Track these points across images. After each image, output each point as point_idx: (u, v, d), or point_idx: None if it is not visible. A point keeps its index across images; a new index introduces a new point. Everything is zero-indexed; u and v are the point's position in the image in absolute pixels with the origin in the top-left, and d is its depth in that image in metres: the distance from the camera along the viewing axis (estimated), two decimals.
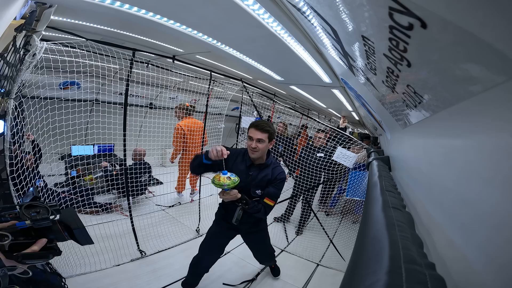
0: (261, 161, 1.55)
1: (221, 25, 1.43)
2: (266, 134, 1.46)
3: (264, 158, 1.56)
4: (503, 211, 0.29)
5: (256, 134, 1.44)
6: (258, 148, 1.46)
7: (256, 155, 1.49)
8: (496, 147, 0.31)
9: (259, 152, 1.48)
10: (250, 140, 1.48)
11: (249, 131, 1.48)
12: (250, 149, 1.49)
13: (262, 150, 1.48)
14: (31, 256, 0.64)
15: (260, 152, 1.48)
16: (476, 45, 0.24)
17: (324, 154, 2.82)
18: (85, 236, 0.76)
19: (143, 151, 3.23)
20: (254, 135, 1.45)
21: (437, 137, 0.54)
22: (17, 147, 1.62)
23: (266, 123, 1.50)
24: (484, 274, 0.32)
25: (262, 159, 1.55)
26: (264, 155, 1.54)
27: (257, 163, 1.55)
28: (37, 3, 1.50)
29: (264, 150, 1.50)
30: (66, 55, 1.89)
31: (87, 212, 2.74)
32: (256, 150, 1.46)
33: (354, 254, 0.42)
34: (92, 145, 3.74)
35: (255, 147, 1.45)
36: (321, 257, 2.65)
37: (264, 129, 1.45)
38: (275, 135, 1.53)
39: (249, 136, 1.48)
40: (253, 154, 1.50)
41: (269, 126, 1.48)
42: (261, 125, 1.46)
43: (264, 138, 1.45)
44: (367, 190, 0.79)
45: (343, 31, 0.60)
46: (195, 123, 3.29)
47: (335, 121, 7.30)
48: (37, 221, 0.67)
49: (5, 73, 1.37)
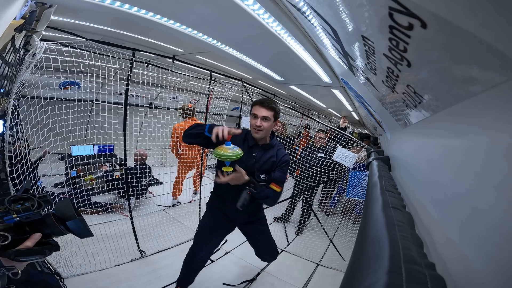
0: (264, 142, 1.45)
1: (221, 25, 1.43)
2: (272, 112, 1.36)
3: (267, 139, 1.46)
4: (503, 211, 0.29)
5: (261, 111, 1.34)
6: (263, 127, 1.35)
7: (260, 134, 1.38)
8: (496, 147, 0.31)
9: (263, 131, 1.37)
10: (254, 118, 1.37)
11: (253, 108, 1.38)
12: (254, 128, 1.37)
13: (267, 130, 1.38)
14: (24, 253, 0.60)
15: (265, 131, 1.37)
16: (476, 45, 0.24)
17: (324, 154, 2.82)
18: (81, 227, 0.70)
19: (145, 154, 3.22)
20: (259, 113, 1.34)
21: (437, 137, 0.54)
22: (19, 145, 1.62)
23: (272, 100, 1.41)
24: (484, 274, 0.32)
25: (266, 140, 1.45)
26: (268, 135, 1.45)
27: (260, 143, 1.44)
28: (37, 3, 1.50)
29: (269, 130, 1.40)
30: (66, 55, 1.89)
31: (88, 212, 2.75)
32: (261, 129, 1.35)
33: (354, 254, 0.42)
34: (92, 145, 3.74)
35: (260, 126, 1.34)
36: (321, 257, 2.65)
37: (269, 106, 1.35)
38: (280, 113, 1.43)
39: (253, 114, 1.38)
40: (257, 134, 1.38)
41: (275, 103, 1.40)
42: (267, 102, 1.37)
43: (269, 116, 1.35)
44: (367, 190, 0.79)
45: (343, 31, 0.60)
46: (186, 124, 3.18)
47: (335, 121, 7.30)
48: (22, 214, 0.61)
49: (5, 73, 1.37)
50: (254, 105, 1.39)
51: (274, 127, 1.43)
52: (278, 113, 1.41)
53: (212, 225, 1.61)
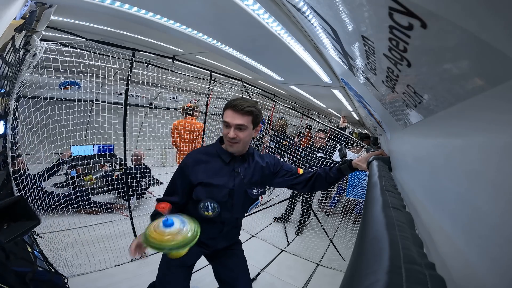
0: (242, 153, 1.14)
1: (221, 25, 1.43)
2: (249, 117, 1.02)
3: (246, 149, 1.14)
4: (503, 211, 0.29)
5: (235, 118, 1.00)
6: (239, 138, 1.03)
7: (236, 148, 1.06)
8: (496, 147, 0.31)
9: (240, 143, 1.05)
10: (226, 128, 1.04)
11: (224, 114, 1.03)
12: (228, 140, 1.05)
13: (244, 141, 1.05)
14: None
15: (242, 143, 1.05)
16: (476, 45, 0.24)
17: (324, 154, 2.82)
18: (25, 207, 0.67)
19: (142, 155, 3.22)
20: (232, 120, 1.01)
21: (437, 137, 0.54)
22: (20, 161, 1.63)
23: (247, 100, 1.04)
24: (484, 274, 0.32)
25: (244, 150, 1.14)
26: (247, 147, 1.12)
27: (239, 155, 1.13)
28: (37, 3, 1.50)
29: (247, 141, 1.07)
30: (66, 55, 1.89)
31: (87, 212, 2.75)
32: (236, 141, 1.03)
33: (354, 254, 0.42)
34: (92, 145, 3.74)
35: (234, 137, 1.02)
36: (321, 257, 2.65)
37: (245, 110, 1.00)
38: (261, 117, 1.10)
39: (224, 122, 1.04)
40: (232, 147, 1.06)
41: (252, 105, 1.03)
42: (240, 104, 1.00)
43: (246, 123, 1.01)
44: (367, 190, 0.79)
45: (343, 31, 0.60)
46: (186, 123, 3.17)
47: (335, 121, 7.30)
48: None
49: (5, 73, 1.37)
50: (225, 109, 1.04)
51: (255, 135, 1.11)
52: (259, 116, 1.07)
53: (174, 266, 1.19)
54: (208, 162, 1.09)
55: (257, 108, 1.06)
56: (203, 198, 1.06)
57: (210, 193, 1.06)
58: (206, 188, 1.06)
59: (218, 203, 1.07)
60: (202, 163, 1.09)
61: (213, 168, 1.08)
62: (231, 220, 1.17)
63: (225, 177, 1.08)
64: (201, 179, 1.06)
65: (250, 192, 1.13)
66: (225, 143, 1.10)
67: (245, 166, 1.13)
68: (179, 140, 3.04)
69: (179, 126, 3.07)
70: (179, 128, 3.08)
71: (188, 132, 3.07)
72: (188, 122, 3.16)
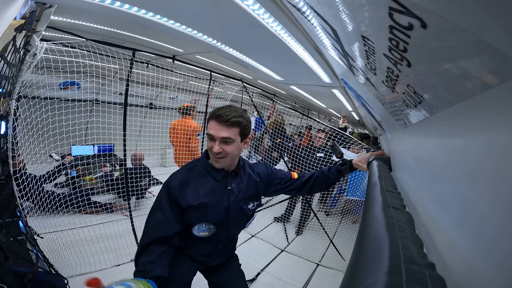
0: (232, 167, 1.03)
1: (221, 25, 1.43)
2: (237, 129, 0.91)
3: (236, 163, 1.04)
4: (503, 211, 0.29)
5: (220, 131, 0.89)
6: (225, 152, 0.92)
7: (222, 164, 0.95)
8: (497, 147, 0.31)
9: (227, 158, 0.94)
10: (210, 141, 0.93)
11: (209, 125, 0.92)
12: (213, 155, 0.93)
13: (232, 155, 0.94)
14: None
15: (229, 158, 0.94)
16: (476, 45, 0.24)
17: (324, 154, 2.82)
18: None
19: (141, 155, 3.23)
20: (217, 133, 0.89)
21: (437, 137, 0.54)
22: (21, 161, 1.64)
23: (234, 109, 0.92)
24: (484, 274, 0.32)
25: (233, 165, 1.03)
26: (236, 160, 1.02)
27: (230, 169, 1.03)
28: (37, 3, 1.50)
29: (236, 155, 0.97)
30: (66, 55, 1.89)
31: (87, 212, 2.75)
32: (222, 155, 0.92)
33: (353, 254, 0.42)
34: (92, 145, 3.74)
35: (220, 152, 0.91)
36: (321, 257, 2.65)
37: (230, 120, 0.89)
38: (250, 127, 0.99)
39: (208, 135, 0.93)
40: (218, 163, 0.95)
41: (240, 114, 0.92)
42: (226, 114, 0.89)
43: (232, 136, 0.91)
44: (367, 190, 0.79)
45: (343, 31, 0.60)
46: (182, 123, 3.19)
47: (335, 121, 7.30)
48: None
49: (6, 73, 1.37)
50: (209, 119, 0.94)
51: (244, 147, 1.00)
52: (248, 127, 0.95)
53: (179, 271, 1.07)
54: (196, 181, 0.97)
55: (246, 118, 0.94)
56: (196, 222, 0.96)
57: (203, 215, 0.96)
58: (198, 211, 0.95)
59: (214, 224, 0.98)
60: (190, 183, 0.96)
61: (203, 187, 0.97)
62: (226, 237, 1.09)
63: (217, 196, 0.97)
64: (191, 201, 0.93)
65: (246, 208, 1.05)
66: (210, 157, 0.98)
67: (238, 181, 1.03)
68: (175, 140, 3.07)
69: (176, 126, 3.11)
70: (176, 127, 3.11)
71: (183, 132, 3.10)
72: (184, 122, 3.18)
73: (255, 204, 1.09)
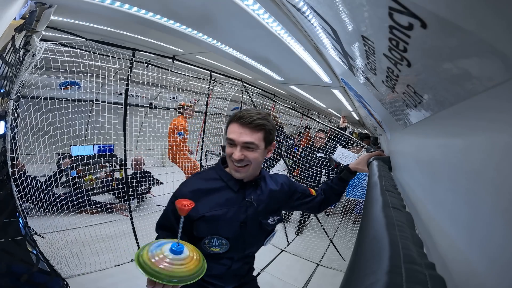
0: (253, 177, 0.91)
1: (221, 25, 1.43)
2: (260, 134, 0.81)
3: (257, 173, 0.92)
4: (504, 211, 0.29)
5: (242, 135, 0.79)
6: (248, 160, 0.81)
7: (243, 174, 0.84)
8: (497, 147, 0.31)
9: (249, 167, 0.83)
10: (230, 146, 0.82)
11: (229, 129, 0.83)
12: (233, 163, 0.83)
13: (255, 164, 0.83)
14: None
15: (251, 168, 0.83)
16: (476, 45, 0.24)
17: (324, 154, 2.82)
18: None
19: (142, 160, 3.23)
20: (238, 137, 0.80)
21: (437, 137, 0.54)
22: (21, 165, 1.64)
23: (259, 112, 0.83)
24: (484, 274, 0.32)
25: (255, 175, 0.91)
26: (258, 170, 0.90)
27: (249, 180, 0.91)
28: (37, 3, 1.50)
29: (259, 163, 0.86)
30: (66, 55, 1.89)
31: (87, 212, 2.75)
32: (243, 164, 0.81)
33: (353, 254, 0.42)
34: (92, 145, 3.74)
35: (241, 159, 0.80)
36: (321, 257, 2.66)
37: (254, 123, 0.79)
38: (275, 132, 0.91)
39: (228, 140, 0.83)
40: (238, 173, 0.84)
41: (264, 117, 0.83)
42: (249, 116, 0.79)
43: (256, 141, 0.80)
44: (367, 190, 0.79)
45: (343, 31, 0.60)
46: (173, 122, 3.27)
47: (335, 121, 7.30)
48: None
49: (5, 73, 1.37)
50: (229, 123, 0.84)
51: (268, 155, 0.89)
52: (272, 132, 0.86)
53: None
54: (210, 190, 0.86)
55: (270, 122, 0.84)
56: (206, 235, 0.84)
57: (214, 229, 0.84)
58: (210, 223, 0.83)
59: (227, 239, 0.85)
60: (203, 192, 0.85)
61: (218, 197, 0.86)
62: (242, 256, 0.95)
63: (234, 208, 0.86)
64: (202, 212, 0.83)
65: (265, 223, 0.92)
66: (229, 166, 0.86)
67: (258, 192, 0.91)
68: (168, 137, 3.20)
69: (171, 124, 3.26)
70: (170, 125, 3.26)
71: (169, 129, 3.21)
72: (175, 120, 3.29)
73: (275, 219, 0.96)
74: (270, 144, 0.87)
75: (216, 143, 3.59)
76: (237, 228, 0.86)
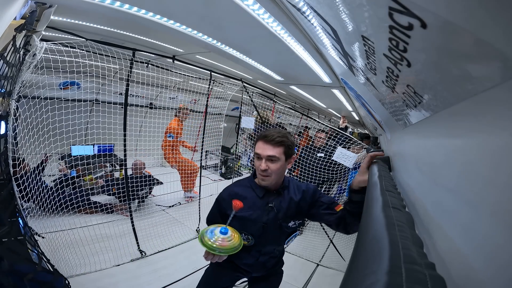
0: (277, 186, 1.09)
1: (221, 25, 1.43)
2: (281, 148, 0.99)
3: (280, 182, 1.09)
4: (503, 211, 0.29)
5: (266, 150, 0.98)
6: (271, 171, 0.99)
7: (268, 181, 1.02)
8: (497, 147, 0.31)
9: (272, 176, 1.01)
10: (258, 160, 1.02)
11: (256, 146, 1.03)
12: (260, 173, 1.02)
13: (277, 173, 1.01)
14: None
15: (274, 176, 1.02)
16: (476, 45, 0.24)
17: (324, 154, 2.82)
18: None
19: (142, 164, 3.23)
20: (263, 151, 0.99)
21: (437, 137, 0.54)
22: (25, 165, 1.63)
23: (279, 131, 1.02)
24: (484, 274, 0.32)
25: (279, 183, 1.09)
26: (281, 179, 1.08)
27: (274, 188, 1.10)
28: (37, 3, 1.50)
29: (281, 173, 1.04)
30: (66, 55, 1.89)
31: (87, 212, 2.75)
32: (268, 173, 1.00)
33: (353, 254, 0.42)
34: (92, 145, 3.74)
35: (266, 169, 0.99)
36: (321, 257, 2.65)
37: (275, 140, 0.98)
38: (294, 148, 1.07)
39: (256, 154, 1.03)
40: (264, 181, 1.03)
41: (284, 135, 1.01)
42: (271, 135, 0.99)
43: (277, 155, 0.98)
44: (367, 190, 0.79)
45: (343, 31, 0.60)
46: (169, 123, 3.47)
47: (335, 121, 7.30)
48: None
49: (6, 73, 1.38)
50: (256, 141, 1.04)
51: (289, 167, 1.07)
52: (291, 147, 1.03)
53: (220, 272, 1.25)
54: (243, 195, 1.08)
55: (289, 139, 1.02)
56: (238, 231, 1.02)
57: (243, 226, 1.06)
58: (240, 221, 1.05)
59: (252, 235, 1.08)
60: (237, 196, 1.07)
61: (247, 202, 1.05)
62: (267, 251, 1.15)
63: (258, 211, 1.06)
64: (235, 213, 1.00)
65: (285, 226, 1.10)
66: (257, 176, 1.07)
67: (280, 199, 1.09)
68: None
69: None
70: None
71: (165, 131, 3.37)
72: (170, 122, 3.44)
73: (296, 223, 1.13)
74: (290, 157, 1.05)
75: (216, 142, 3.59)
76: (260, 227, 1.07)
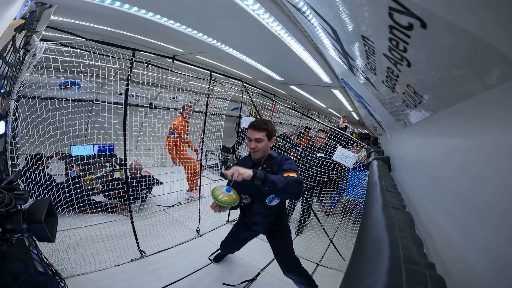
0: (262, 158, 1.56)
1: (221, 25, 1.43)
2: (264, 132, 1.49)
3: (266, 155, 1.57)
4: (503, 211, 0.29)
5: (254, 134, 1.49)
6: (258, 148, 1.50)
7: (257, 155, 1.54)
8: (496, 147, 0.31)
9: (260, 151, 1.52)
10: (249, 141, 1.52)
11: (248, 132, 1.52)
12: (251, 150, 1.54)
13: (262, 149, 1.52)
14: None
15: (261, 151, 1.52)
16: (476, 45, 0.24)
17: (324, 154, 2.82)
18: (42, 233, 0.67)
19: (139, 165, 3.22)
20: (252, 135, 1.50)
21: (437, 137, 0.54)
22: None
23: (263, 121, 1.53)
24: (484, 274, 0.32)
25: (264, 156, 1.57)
26: (266, 153, 1.56)
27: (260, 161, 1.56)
28: (37, 3, 1.50)
29: (265, 149, 1.54)
30: (66, 55, 1.89)
31: (87, 212, 2.75)
32: (257, 150, 1.51)
33: (354, 254, 0.42)
34: (92, 145, 3.74)
35: (255, 147, 1.50)
36: (321, 257, 2.65)
37: (260, 127, 1.49)
38: (275, 131, 1.56)
39: (247, 138, 1.52)
40: (254, 155, 1.55)
41: (266, 124, 1.51)
42: (257, 124, 1.50)
43: (262, 137, 1.49)
44: (367, 190, 0.79)
45: (343, 31, 0.60)
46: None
47: (335, 121, 7.30)
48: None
49: (5, 73, 1.37)
50: (248, 128, 1.53)
51: (271, 144, 1.55)
52: (272, 131, 1.52)
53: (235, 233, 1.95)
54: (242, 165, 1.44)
55: (270, 126, 1.52)
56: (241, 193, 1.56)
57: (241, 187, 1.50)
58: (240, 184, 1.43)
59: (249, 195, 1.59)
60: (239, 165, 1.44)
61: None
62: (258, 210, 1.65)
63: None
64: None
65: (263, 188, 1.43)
66: (250, 153, 1.56)
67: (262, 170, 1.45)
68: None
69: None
70: None
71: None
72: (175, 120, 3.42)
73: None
74: (271, 138, 1.54)
75: (216, 141, 3.59)
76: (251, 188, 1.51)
